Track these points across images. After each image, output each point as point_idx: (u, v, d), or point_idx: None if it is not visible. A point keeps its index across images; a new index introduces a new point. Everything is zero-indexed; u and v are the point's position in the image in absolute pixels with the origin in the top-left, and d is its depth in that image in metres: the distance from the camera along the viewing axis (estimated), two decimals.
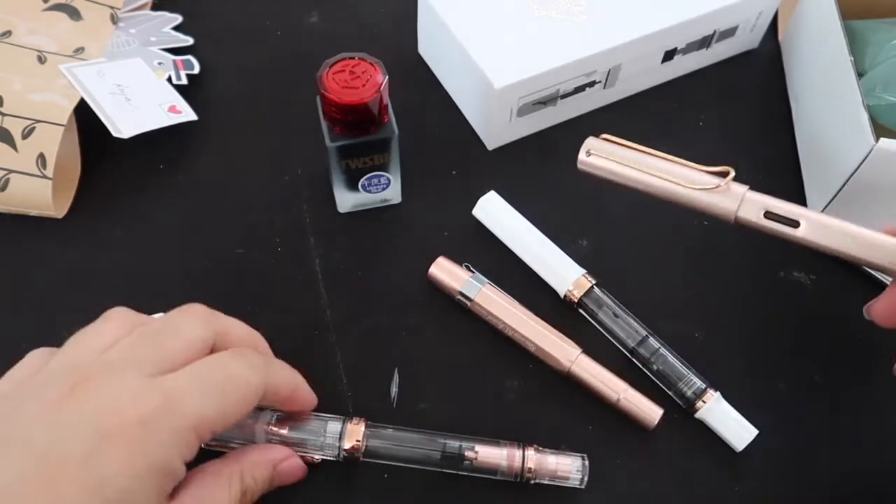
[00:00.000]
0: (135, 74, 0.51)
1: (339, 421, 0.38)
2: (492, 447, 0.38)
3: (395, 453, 0.38)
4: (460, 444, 0.38)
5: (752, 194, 0.37)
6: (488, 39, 0.49)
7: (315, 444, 0.37)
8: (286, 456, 0.36)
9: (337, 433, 0.37)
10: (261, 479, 0.35)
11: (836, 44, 0.47)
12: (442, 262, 0.45)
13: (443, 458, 0.38)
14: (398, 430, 0.38)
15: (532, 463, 0.38)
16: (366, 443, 0.37)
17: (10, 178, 0.46)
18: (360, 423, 0.38)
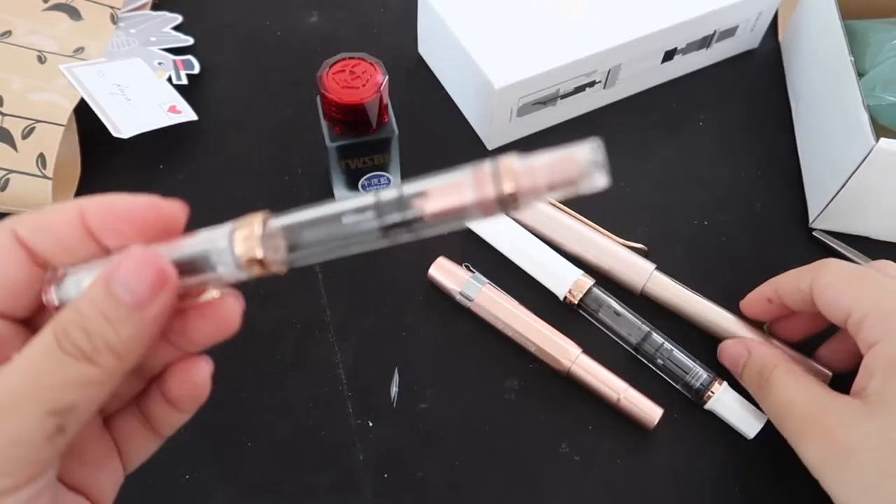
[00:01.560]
0: (135, 74, 0.51)
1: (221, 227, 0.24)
2: (445, 178, 0.21)
3: (320, 235, 0.22)
4: (399, 191, 0.21)
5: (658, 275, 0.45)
6: (488, 39, 0.49)
7: (201, 265, 0.23)
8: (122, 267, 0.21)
9: (225, 237, 0.23)
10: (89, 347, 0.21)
11: (836, 44, 0.47)
12: (442, 263, 0.45)
13: (380, 214, 0.21)
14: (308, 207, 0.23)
15: (511, 178, 0.20)
16: (271, 241, 0.23)
17: (10, 178, 0.46)
18: (255, 219, 0.23)
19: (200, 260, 0.22)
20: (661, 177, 0.51)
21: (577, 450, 0.41)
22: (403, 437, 0.41)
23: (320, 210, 0.22)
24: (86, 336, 0.20)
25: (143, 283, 0.21)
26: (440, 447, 0.41)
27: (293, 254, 0.22)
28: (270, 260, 0.22)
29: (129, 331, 0.21)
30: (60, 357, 0.20)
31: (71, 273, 0.23)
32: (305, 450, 0.41)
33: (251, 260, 0.22)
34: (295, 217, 0.23)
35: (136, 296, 0.21)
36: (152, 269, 0.21)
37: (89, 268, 0.23)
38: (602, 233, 0.47)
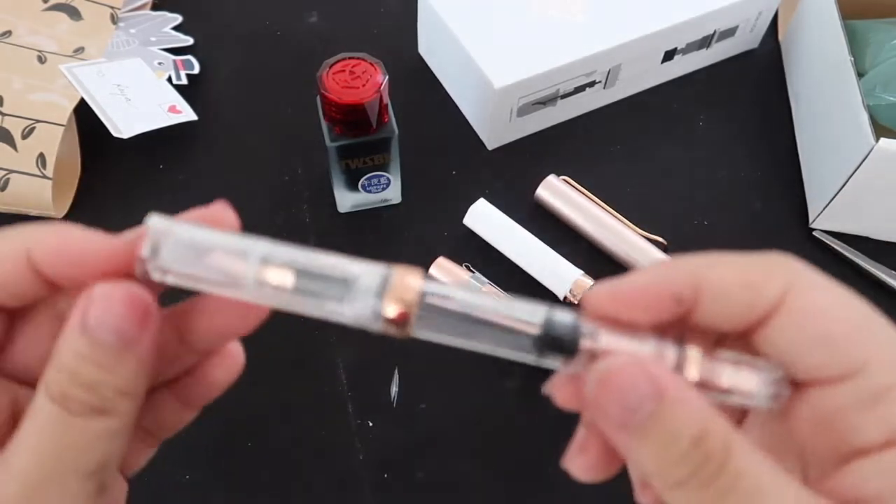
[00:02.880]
0: (135, 74, 0.51)
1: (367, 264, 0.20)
2: (625, 337, 0.20)
3: (463, 328, 0.21)
4: (575, 322, 0.20)
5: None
6: (488, 39, 0.49)
7: (321, 290, 0.20)
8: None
9: (375, 283, 0.20)
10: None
11: (836, 44, 0.47)
12: (442, 263, 0.45)
13: (543, 342, 0.21)
14: (469, 292, 0.21)
15: (695, 364, 0.20)
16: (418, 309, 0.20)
17: (10, 178, 0.46)
18: (414, 274, 0.20)
19: (324, 283, 0.20)
20: (660, 177, 0.51)
21: None
22: (403, 437, 0.41)
23: (483, 302, 0.20)
24: (89, 391, 0.19)
25: (125, 319, 0.19)
26: (440, 447, 0.41)
27: (423, 329, 0.20)
28: (410, 325, 0.20)
29: (130, 369, 0.19)
30: (73, 421, 0.19)
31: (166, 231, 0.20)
32: (305, 450, 0.41)
33: (395, 319, 0.20)
34: (452, 296, 0.20)
35: (122, 334, 0.19)
36: (128, 303, 0.19)
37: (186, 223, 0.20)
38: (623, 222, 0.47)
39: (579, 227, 0.48)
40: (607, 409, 0.19)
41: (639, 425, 0.18)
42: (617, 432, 0.19)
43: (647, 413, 0.18)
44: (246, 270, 0.20)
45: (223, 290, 0.20)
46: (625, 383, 0.19)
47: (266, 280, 0.20)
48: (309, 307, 0.20)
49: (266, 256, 0.20)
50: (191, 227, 0.20)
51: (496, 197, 0.48)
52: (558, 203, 0.48)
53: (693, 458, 0.18)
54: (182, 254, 0.20)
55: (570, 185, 0.49)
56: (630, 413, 0.18)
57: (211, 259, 0.20)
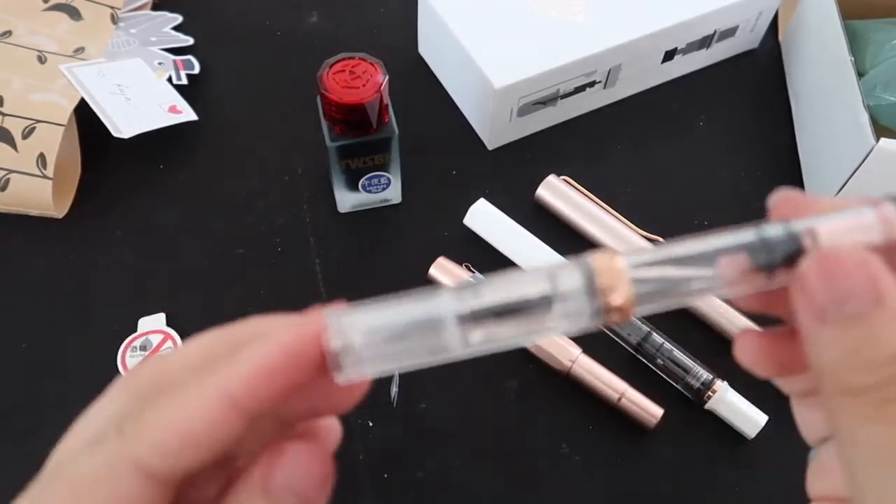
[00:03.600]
0: (135, 74, 0.51)
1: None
2: (838, 218, 0.19)
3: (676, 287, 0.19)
4: (788, 230, 0.19)
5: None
6: (488, 39, 0.49)
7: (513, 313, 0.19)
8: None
9: (580, 283, 0.19)
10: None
11: (836, 44, 0.47)
12: (442, 263, 0.45)
13: (766, 259, 0.19)
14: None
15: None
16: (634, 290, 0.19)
17: (10, 178, 0.46)
18: (611, 255, 0.19)
19: (528, 310, 0.18)
20: (660, 177, 0.51)
21: (577, 450, 0.41)
22: (403, 437, 0.41)
23: (690, 248, 0.19)
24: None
25: (311, 482, 0.18)
26: (440, 447, 0.41)
27: (644, 304, 0.18)
28: (632, 305, 0.18)
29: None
30: None
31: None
32: None
33: (619, 306, 0.18)
34: (661, 270, 0.19)
35: (304, 496, 0.18)
36: (319, 467, 0.18)
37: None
38: (623, 222, 0.47)
39: (579, 227, 0.48)
40: (815, 292, 0.17)
41: (842, 318, 0.17)
42: (814, 317, 0.18)
43: (855, 310, 0.17)
44: (448, 338, 0.18)
45: (427, 362, 0.19)
46: (844, 272, 0.17)
47: (471, 340, 0.18)
48: (525, 339, 0.19)
49: (460, 315, 0.18)
50: (368, 310, 0.18)
51: (496, 197, 0.48)
52: (558, 203, 0.48)
53: (884, 372, 0.17)
54: (375, 342, 0.18)
55: (570, 185, 0.49)
56: (837, 303, 0.17)
57: (409, 342, 0.18)
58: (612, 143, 0.53)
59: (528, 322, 0.18)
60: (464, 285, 0.18)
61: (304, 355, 0.17)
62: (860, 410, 0.17)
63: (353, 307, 0.18)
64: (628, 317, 0.18)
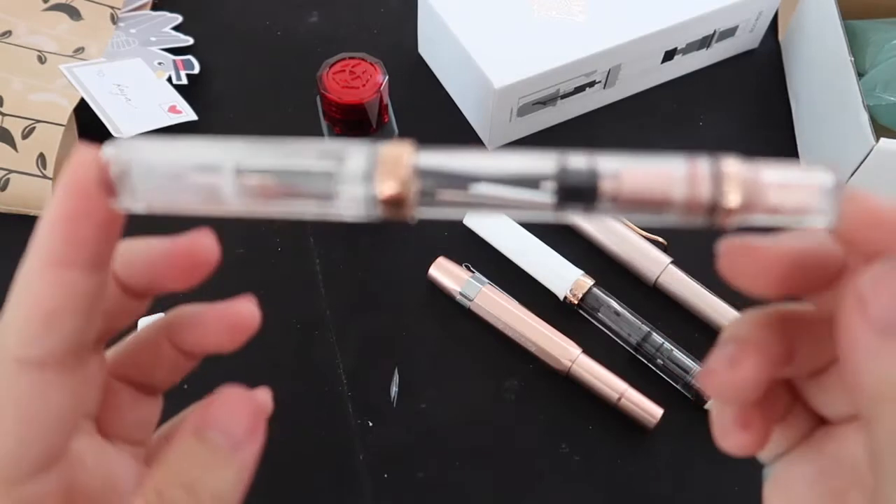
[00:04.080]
0: (135, 74, 0.51)
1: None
2: (650, 164, 0.18)
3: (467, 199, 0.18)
4: (591, 164, 0.18)
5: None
6: (488, 39, 0.49)
7: (301, 188, 0.18)
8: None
9: (362, 167, 0.18)
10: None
11: (836, 44, 0.47)
12: (442, 263, 0.45)
13: (561, 191, 0.18)
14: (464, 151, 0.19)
15: (735, 188, 0.17)
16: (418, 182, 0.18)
17: (10, 178, 0.46)
18: (402, 149, 0.18)
19: (302, 181, 0.18)
20: None
21: (577, 450, 0.41)
22: (403, 437, 0.41)
23: (484, 161, 0.18)
24: (187, 493, 0.18)
25: (240, 425, 0.20)
26: (440, 447, 0.41)
27: (429, 205, 0.18)
28: (411, 203, 0.18)
29: (230, 476, 0.19)
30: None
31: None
32: (305, 450, 0.41)
33: (392, 198, 0.17)
34: (447, 161, 0.18)
35: (233, 439, 0.19)
36: (248, 411, 0.20)
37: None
38: (623, 222, 0.47)
39: (579, 226, 0.48)
40: (880, 303, 0.16)
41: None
42: (877, 332, 0.16)
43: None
44: (223, 187, 0.18)
45: (204, 209, 0.19)
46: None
47: (246, 193, 0.18)
48: (297, 209, 0.18)
49: (240, 166, 0.18)
50: (154, 147, 0.18)
51: None
52: None
53: None
54: (152, 180, 0.18)
55: None
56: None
57: (184, 181, 0.18)
58: (611, 143, 0.53)
59: (305, 191, 0.18)
60: (255, 145, 0.19)
61: (87, 187, 0.18)
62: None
63: (141, 139, 0.18)
64: (406, 215, 0.18)
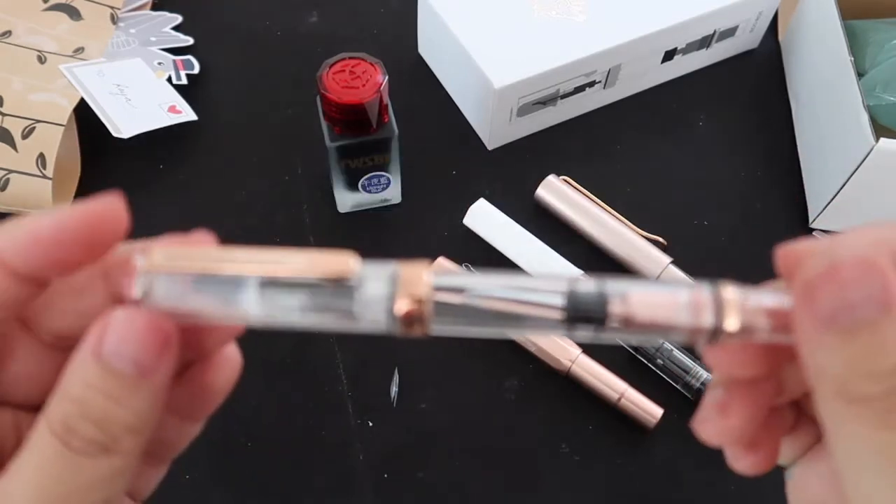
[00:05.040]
0: (135, 74, 0.51)
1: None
2: (656, 290, 0.19)
3: (478, 315, 0.19)
4: (601, 291, 0.19)
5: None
6: (488, 39, 0.49)
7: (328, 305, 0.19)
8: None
9: (384, 280, 0.19)
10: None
11: (836, 44, 0.47)
12: (442, 263, 0.45)
13: (571, 312, 0.18)
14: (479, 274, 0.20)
15: (734, 314, 0.18)
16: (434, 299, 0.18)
17: (10, 178, 0.46)
18: (421, 268, 0.19)
19: (332, 298, 0.18)
20: (660, 177, 0.51)
21: (577, 450, 0.41)
22: (403, 437, 0.41)
23: (500, 284, 0.19)
24: (97, 426, 0.17)
25: (145, 347, 0.17)
26: (440, 447, 0.41)
27: (443, 324, 0.19)
28: (427, 322, 0.18)
29: (143, 403, 0.17)
30: (76, 460, 0.17)
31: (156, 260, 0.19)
32: (305, 450, 0.41)
33: (411, 316, 0.18)
34: (467, 284, 0.19)
35: (140, 364, 0.17)
36: (150, 330, 0.17)
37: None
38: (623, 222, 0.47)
39: (579, 227, 0.48)
40: (821, 299, 0.17)
41: (849, 326, 0.16)
42: (820, 325, 0.17)
43: (864, 317, 0.16)
44: (248, 304, 0.18)
45: (226, 321, 0.19)
46: (854, 278, 0.16)
47: (271, 313, 0.18)
48: (320, 324, 0.19)
49: (264, 283, 0.18)
50: (179, 266, 0.19)
51: (496, 197, 0.48)
52: (558, 203, 0.48)
53: (892, 381, 0.16)
54: (176, 291, 0.18)
55: (570, 185, 0.49)
56: (846, 310, 0.16)
57: (207, 296, 0.18)
58: (612, 143, 0.53)
59: (328, 307, 0.18)
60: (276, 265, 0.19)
61: (77, 237, 0.18)
62: (867, 419, 0.16)
63: (165, 253, 0.19)
64: (424, 331, 0.18)
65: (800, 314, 0.17)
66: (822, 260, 0.17)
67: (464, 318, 0.18)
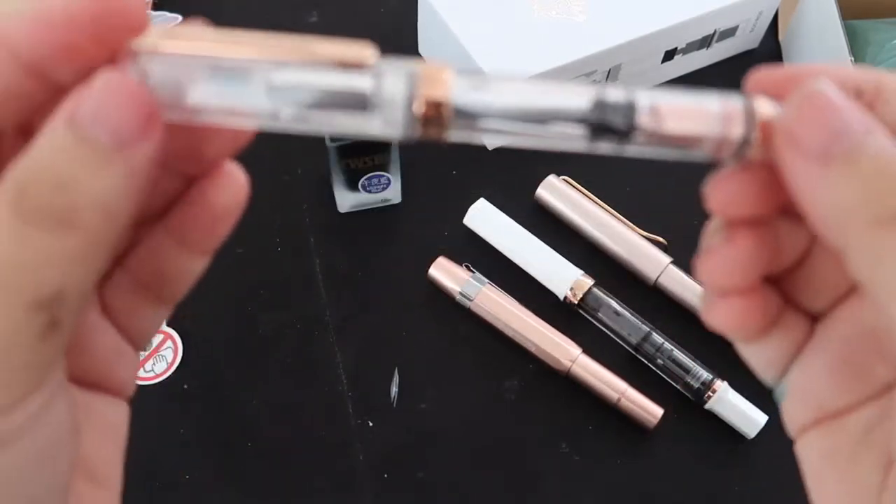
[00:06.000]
0: None
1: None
2: (683, 98, 0.18)
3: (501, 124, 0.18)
4: (629, 96, 0.18)
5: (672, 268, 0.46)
6: (488, 39, 0.49)
7: (336, 100, 0.17)
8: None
9: (401, 74, 0.17)
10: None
11: (836, 44, 0.47)
12: (442, 263, 0.45)
13: (598, 116, 0.18)
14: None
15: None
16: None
17: None
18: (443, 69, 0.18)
19: (343, 97, 0.17)
20: (660, 177, 0.51)
21: (577, 450, 0.41)
22: (403, 437, 0.41)
23: (522, 89, 0.18)
24: (55, 192, 0.14)
25: (126, 116, 0.15)
26: (440, 447, 0.41)
27: (463, 128, 0.17)
28: (447, 120, 0.17)
29: (115, 178, 0.15)
30: (22, 228, 0.14)
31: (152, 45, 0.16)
32: (305, 450, 0.41)
33: (431, 114, 0.17)
34: (487, 83, 0.18)
35: (118, 135, 0.15)
36: (133, 99, 0.15)
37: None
38: (623, 222, 0.47)
39: (579, 227, 0.48)
40: (810, 133, 0.16)
41: (845, 152, 0.16)
42: (817, 161, 0.16)
43: (854, 142, 0.16)
44: (254, 99, 0.16)
45: (230, 121, 0.17)
46: (831, 106, 0.16)
47: (280, 109, 0.17)
48: (332, 126, 0.17)
49: (272, 81, 0.17)
50: (178, 47, 0.17)
51: (496, 197, 0.48)
52: (558, 203, 0.48)
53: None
54: (174, 78, 0.16)
55: (570, 185, 0.49)
56: (837, 137, 0.16)
57: (208, 84, 0.16)
58: None
59: (341, 105, 0.17)
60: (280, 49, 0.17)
61: (91, 20, 0.15)
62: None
63: (174, 38, 0.16)
64: (440, 132, 0.17)
65: (792, 161, 0.17)
66: (799, 95, 0.17)
67: (483, 127, 0.18)
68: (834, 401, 0.19)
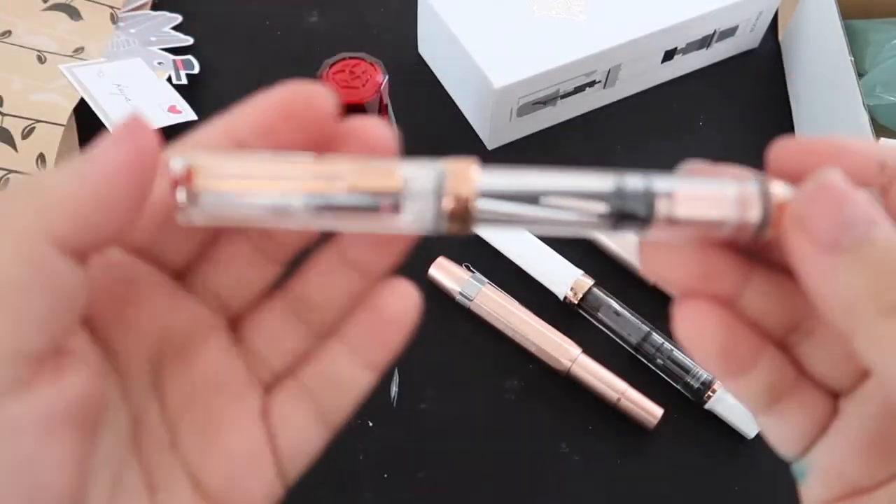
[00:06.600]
0: (135, 74, 0.51)
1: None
2: (700, 184, 0.19)
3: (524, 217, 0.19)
4: (647, 185, 0.18)
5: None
6: (488, 39, 0.49)
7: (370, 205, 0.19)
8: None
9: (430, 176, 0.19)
10: None
11: (836, 44, 0.47)
12: (442, 262, 0.45)
13: (616, 204, 0.18)
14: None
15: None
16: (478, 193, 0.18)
17: (10, 178, 0.46)
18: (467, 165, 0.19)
19: (375, 198, 0.19)
20: None
21: (577, 450, 0.41)
22: (403, 437, 0.41)
23: (540, 181, 0.18)
24: None
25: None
26: (440, 447, 0.41)
27: (488, 221, 0.19)
28: (473, 217, 0.18)
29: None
30: None
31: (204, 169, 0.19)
32: None
33: (459, 212, 0.18)
34: (508, 180, 0.19)
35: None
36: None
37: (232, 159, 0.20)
38: None
39: None
40: (821, 222, 0.17)
41: (854, 243, 0.16)
42: (826, 250, 0.17)
43: (861, 232, 0.16)
44: (293, 203, 0.19)
45: (271, 224, 0.19)
46: (843, 198, 0.17)
47: (315, 212, 0.19)
48: (365, 225, 0.19)
49: (309, 204, 0.19)
50: (219, 162, 0.19)
51: None
52: None
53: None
54: (220, 198, 0.19)
55: None
56: (845, 229, 0.17)
57: (252, 199, 0.19)
58: (612, 143, 0.53)
59: (373, 207, 0.19)
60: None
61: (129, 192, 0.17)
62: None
63: (213, 160, 0.19)
64: (468, 230, 0.19)
65: (801, 247, 0.17)
66: (809, 188, 0.17)
67: (507, 217, 0.19)
68: (861, 480, 0.20)
